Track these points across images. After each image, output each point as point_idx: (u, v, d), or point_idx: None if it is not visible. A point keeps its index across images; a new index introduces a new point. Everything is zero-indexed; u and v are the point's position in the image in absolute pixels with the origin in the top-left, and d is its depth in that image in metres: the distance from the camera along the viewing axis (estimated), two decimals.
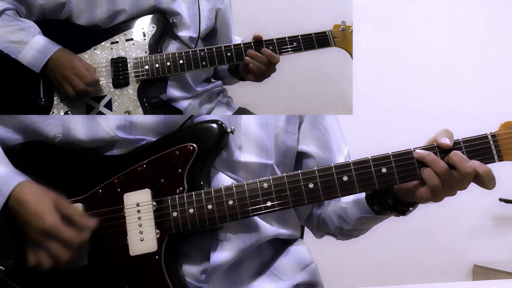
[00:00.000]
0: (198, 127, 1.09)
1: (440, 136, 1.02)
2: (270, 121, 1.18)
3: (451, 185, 1.01)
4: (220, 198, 1.04)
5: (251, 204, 1.03)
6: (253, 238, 1.10)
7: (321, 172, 1.03)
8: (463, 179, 1.00)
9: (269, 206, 1.03)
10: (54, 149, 1.11)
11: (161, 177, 1.06)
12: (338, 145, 1.28)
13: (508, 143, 1.00)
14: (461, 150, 1.01)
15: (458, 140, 1.02)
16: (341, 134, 1.31)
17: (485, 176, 1.00)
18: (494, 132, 1.02)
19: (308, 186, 1.03)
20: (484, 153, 1.01)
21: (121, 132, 1.09)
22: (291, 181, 1.04)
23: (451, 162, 1.00)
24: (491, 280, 2.67)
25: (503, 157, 1.01)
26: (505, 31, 3.05)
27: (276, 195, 1.03)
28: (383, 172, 1.02)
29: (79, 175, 1.09)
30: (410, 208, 1.11)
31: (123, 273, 1.03)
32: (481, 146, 1.01)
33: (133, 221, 1.04)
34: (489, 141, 1.01)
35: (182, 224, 1.03)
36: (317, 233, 1.34)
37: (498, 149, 1.01)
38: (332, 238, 1.34)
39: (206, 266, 1.07)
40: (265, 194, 1.03)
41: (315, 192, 1.03)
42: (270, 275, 1.14)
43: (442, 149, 1.02)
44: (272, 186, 1.04)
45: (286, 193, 1.03)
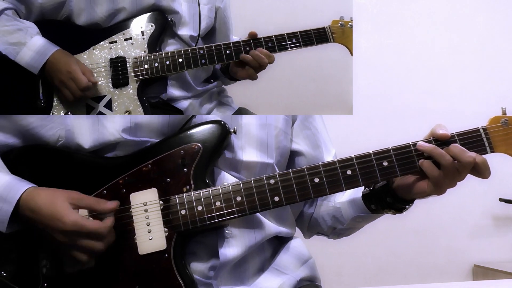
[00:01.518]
0: (201, 128, 1.11)
1: (437, 129, 1.07)
2: (270, 121, 1.20)
3: (453, 176, 1.06)
4: (228, 195, 1.06)
5: (259, 199, 1.06)
6: (257, 235, 1.13)
7: (325, 167, 1.07)
8: (463, 169, 1.05)
9: (277, 201, 1.06)
10: (55, 152, 1.12)
11: (167, 176, 1.08)
12: (326, 145, 1.32)
13: (498, 136, 1.09)
14: (455, 143, 1.07)
15: (452, 134, 1.08)
16: (328, 135, 1.35)
17: (482, 165, 1.05)
18: (485, 126, 1.09)
19: (314, 181, 1.06)
20: (477, 145, 1.08)
21: (126, 134, 1.10)
22: (297, 176, 1.07)
23: (451, 154, 1.05)
24: (491, 280, 2.67)
25: (494, 148, 1.09)
26: (505, 31, 3.05)
27: (283, 190, 1.06)
28: (384, 165, 1.07)
29: (82, 177, 1.09)
30: (407, 206, 1.14)
31: (132, 272, 1.04)
32: (474, 139, 1.08)
33: (140, 220, 1.05)
34: (481, 134, 1.08)
35: (191, 221, 1.05)
36: (307, 233, 1.36)
37: (489, 142, 1.08)
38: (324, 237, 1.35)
39: (213, 263, 1.09)
40: (272, 190, 1.06)
41: (320, 186, 1.06)
42: (273, 270, 1.17)
43: (439, 142, 1.07)
44: (279, 182, 1.07)
45: (293, 188, 1.06)
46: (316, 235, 1.37)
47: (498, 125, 1.09)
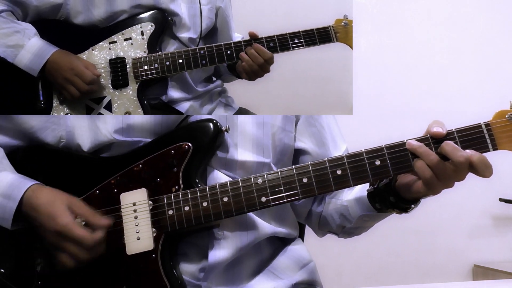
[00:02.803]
0: (193, 126, 1.10)
1: (432, 126, 1.01)
2: (267, 120, 1.18)
3: (447, 177, 0.99)
4: (215, 195, 1.04)
5: (246, 200, 1.03)
6: (250, 236, 1.11)
7: (314, 166, 1.03)
8: (457, 169, 0.98)
9: (264, 201, 1.03)
10: (50, 152, 1.12)
11: (157, 176, 1.07)
12: (335, 141, 1.28)
13: (503, 132, 0.99)
14: (454, 140, 0.99)
15: (451, 130, 1.01)
16: (338, 131, 1.30)
17: (480, 164, 0.97)
18: (488, 121, 1.01)
19: (302, 181, 1.03)
20: (478, 142, 0.99)
21: (119, 135, 1.10)
22: (285, 176, 1.03)
23: (443, 153, 0.98)
24: (491, 280, 2.67)
25: (498, 146, 0.99)
26: (505, 31, 3.05)
27: (270, 191, 1.03)
28: (376, 164, 1.02)
29: (76, 177, 1.10)
30: (412, 205, 1.09)
31: (120, 272, 1.04)
32: (474, 135, 1.00)
33: (129, 220, 1.05)
34: (483, 130, 1.00)
35: (178, 221, 1.04)
36: (319, 231, 1.33)
37: (492, 138, 0.99)
38: (332, 237, 1.33)
39: (204, 264, 1.08)
40: (260, 190, 1.03)
41: (309, 187, 1.03)
42: (269, 273, 1.15)
43: (435, 139, 1.00)
44: (266, 182, 1.04)
45: (281, 188, 1.03)
46: (329, 234, 1.33)
47: (504, 120, 0.99)
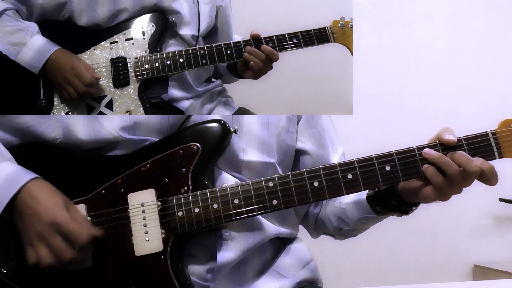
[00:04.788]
0: (201, 127, 1.09)
1: (443, 134, 1.04)
2: (272, 120, 1.19)
3: (459, 185, 1.03)
4: (226, 197, 1.04)
5: (257, 202, 1.04)
6: (257, 237, 1.11)
7: (326, 170, 1.04)
8: (468, 178, 1.03)
9: (275, 204, 1.04)
10: (54, 150, 1.11)
11: (165, 177, 1.06)
12: (333, 144, 1.30)
13: (508, 140, 1.04)
14: (462, 147, 1.03)
15: (459, 137, 1.04)
16: (335, 134, 1.32)
17: (489, 173, 1.02)
18: (494, 130, 1.05)
19: (313, 185, 1.04)
20: (485, 150, 1.04)
21: (125, 132, 1.09)
22: (296, 179, 1.04)
23: (457, 163, 1.02)
24: (491, 280, 2.66)
25: (503, 154, 1.04)
26: (505, 31, 3.05)
27: (281, 194, 1.04)
28: (387, 169, 1.04)
29: (81, 175, 1.08)
30: (413, 208, 1.12)
31: (128, 273, 1.03)
32: (482, 143, 1.04)
33: (138, 221, 1.04)
34: (490, 138, 1.04)
35: (188, 223, 1.04)
36: (314, 232, 1.35)
37: (498, 146, 1.04)
38: (330, 237, 1.34)
39: (212, 265, 1.08)
40: (271, 193, 1.04)
41: (320, 190, 1.04)
42: (273, 273, 1.16)
43: (444, 146, 1.04)
44: (277, 185, 1.04)
45: (292, 192, 1.04)
46: (323, 235, 1.35)
47: (508, 129, 1.04)
